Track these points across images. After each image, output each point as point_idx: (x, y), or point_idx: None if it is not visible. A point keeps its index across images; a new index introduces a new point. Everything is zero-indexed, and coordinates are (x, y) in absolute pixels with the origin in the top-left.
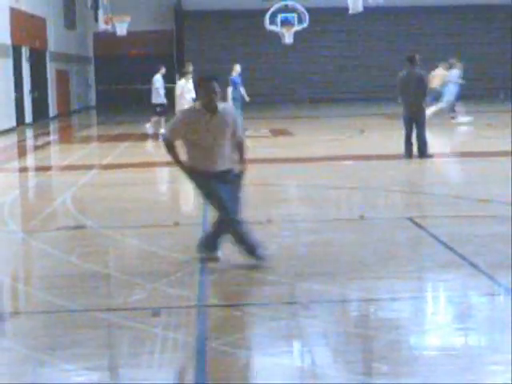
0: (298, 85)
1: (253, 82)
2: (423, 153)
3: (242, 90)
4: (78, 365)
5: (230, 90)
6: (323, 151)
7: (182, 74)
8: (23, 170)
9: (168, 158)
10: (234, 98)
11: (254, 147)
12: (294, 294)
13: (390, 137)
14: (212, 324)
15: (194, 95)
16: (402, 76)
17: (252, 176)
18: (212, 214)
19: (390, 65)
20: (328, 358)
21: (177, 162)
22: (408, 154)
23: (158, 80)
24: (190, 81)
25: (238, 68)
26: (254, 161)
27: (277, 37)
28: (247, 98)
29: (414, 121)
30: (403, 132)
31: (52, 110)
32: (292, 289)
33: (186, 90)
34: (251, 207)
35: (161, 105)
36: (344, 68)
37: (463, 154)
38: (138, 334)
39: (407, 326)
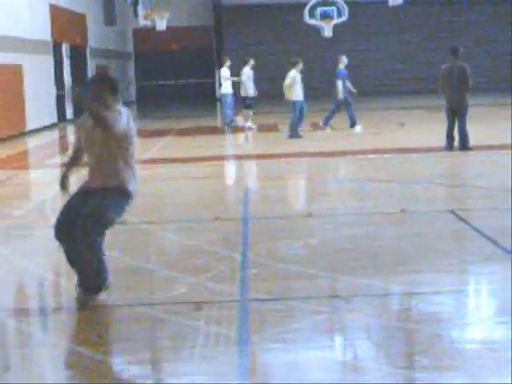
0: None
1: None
2: (465, 145)
3: (348, 84)
4: (121, 359)
5: (339, 83)
6: (363, 144)
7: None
8: (64, 166)
9: (208, 153)
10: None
11: (293, 141)
12: (335, 287)
13: (430, 130)
14: (254, 318)
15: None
16: (444, 68)
17: (292, 170)
18: (252, 211)
19: (430, 57)
20: (369, 351)
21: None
22: (449, 146)
23: (246, 73)
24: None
25: (344, 60)
26: (294, 155)
27: (316, 30)
28: (354, 90)
29: (456, 113)
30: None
31: None
32: (333, 282)
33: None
34: (292, 201)
35: (250, 98)
36: (383, 61)
37: (505, 147)
38: (180, 328)
39: (449, 319)
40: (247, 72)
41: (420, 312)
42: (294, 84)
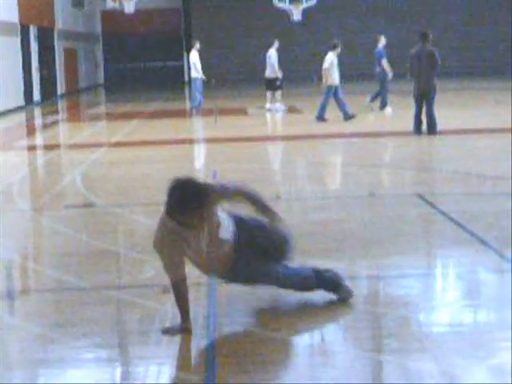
0: (307, 63)
1: (263, 61)
2: (432, 130)
3: (384, 63)
4: (88, 342)
5: (385, 61)
6: (331, 128)
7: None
8: (32, 148)
9: (176, 136)
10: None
11: (262, 124)
12: None
13: (399, 114)
14: (221, 300)
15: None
16: (413, 53)
17: (260, 153)
18: None
19: (401, 41)
20: (337, 334)
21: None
22: (417, 130)
23: (272, 54)
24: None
25: (383, 40)
26: (262, 138)
27: (286, 14)
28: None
29: (424, 97)
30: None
31: (60, 89)
32: (301, 265)
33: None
34: (260, 184)
35: (276, 79)
36: (354, 45)
37: (472, 131)
38: (147, 311)
39: (416, 302)
40: (273, 54)
41: (387, 295)
42: (331, 67)
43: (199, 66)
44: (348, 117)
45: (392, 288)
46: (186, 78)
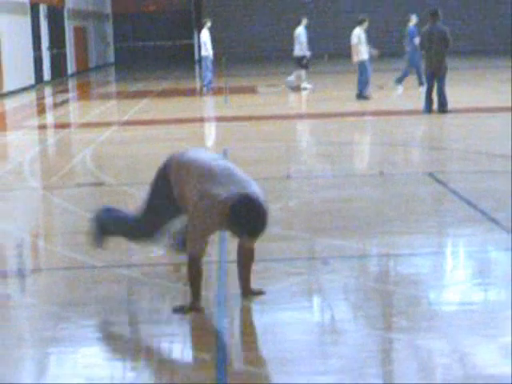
0: (317, 40)
1: (274, 37)
2: (443, 108)
3: (417, 41)
4: (99, 320)
5: (417, 40)
6: (342, 107)
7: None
8: (42, 127)
9: (186, 115)
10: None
11: (273, 103)
12: (314, 249)
13: (409, 93)
14: (233, 279)
15: None
16: (424, 31)
17: (271, 132)
18: None
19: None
20: (347, 312)
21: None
22: (428, 109)
23: (301, 32)
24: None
25: (414, 18)
26: (273, 117)
27: None
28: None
29: (435, 76)
30: (425, 87)
31: (70, 68)
32: (311, 244)
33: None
34: (270, 163)
35: (304, 57)
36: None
37: (483, 110)
38: (158, 289)
39: (426, 281)
40: (302, 31)
41: (398, 274)
42: (359, 43)
43: (210, 44)
44: (361, 97)
45: (402, 266)
46: (197, 57)
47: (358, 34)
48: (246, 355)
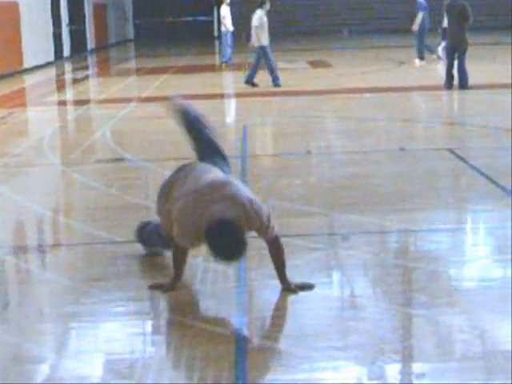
0: (337, 15)
1: (289, 9)
2: (464, 84)
3: (420, 15)
4: (119, 295)
5: (420, 15)
6: (363, 83)
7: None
8: (62, 103)
9: (205, 90)
10: (423, 27)
11: (292, 79)
12: (333, 225)
13: (430, 68)
14: (252, 255)
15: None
16: (445, 6)
17: (291, 108)
18: (251, 148)
19: None
20: (367, 288)
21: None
22: (449, 85)
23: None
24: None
25: None
26: (292, 93)
27: None
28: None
29: (456, 52)
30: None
31: (90, 44)
32: (331, 220)
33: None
34: (291, 139)
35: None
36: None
37: (503, 86)
38: None
39: (446, 257)
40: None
41: (417, 250)
42: (260, 27)
43: (229, 20)
44: (250, 82)
45: (422, 242)
46: (216, 33)
47: (260, 16)
48: (265, 330)
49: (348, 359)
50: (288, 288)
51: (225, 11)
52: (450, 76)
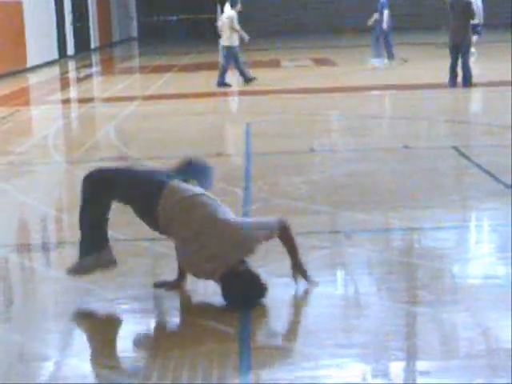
0: (339, 13)
1: (287, 7)
2: (467, 82)
3: (386, 15)
4: (123, 294)
5: (386, 13)
6: (366, 81)
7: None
8: (66, 101)
9: (208, 88)
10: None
11: (296, 77)
12: (337, 223)
13: (434, 66)
14: (256, 253)
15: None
16: (449, 3)
17: (294, 106)
18: (254, 146)
19: None
20: (371, 286)
21: None
22: (452, 82)
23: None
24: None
25: None
26: (296, 91)
27: None
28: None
29: (459, 49)
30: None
31: (94, 42)
32: (334, 218)
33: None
34: (294, 137)
35: (478, 25)
36: None
37: (508, 84)
38: None
39: (451, 254)
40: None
41: (421, 247)
42: (230, 27)
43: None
44: (223, 84)
45: (426, 240)
46: None
47: (232, 16)
48: (269, 328)
49: (352, 357)
50: (297, 272)
51: (228, 10)
52: (453, 73)
